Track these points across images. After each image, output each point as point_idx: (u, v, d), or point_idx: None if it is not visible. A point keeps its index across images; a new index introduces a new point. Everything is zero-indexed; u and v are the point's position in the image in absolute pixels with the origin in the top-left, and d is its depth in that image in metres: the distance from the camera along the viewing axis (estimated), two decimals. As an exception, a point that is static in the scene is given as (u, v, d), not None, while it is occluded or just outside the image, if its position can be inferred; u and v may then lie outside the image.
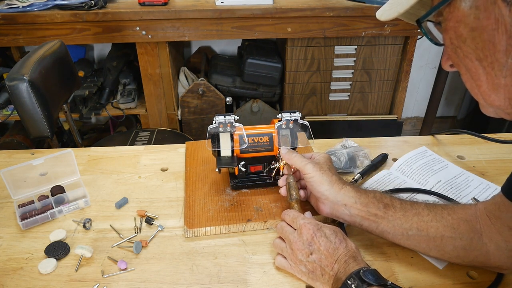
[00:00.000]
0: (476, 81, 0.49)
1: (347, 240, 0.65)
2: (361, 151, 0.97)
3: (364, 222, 0.71)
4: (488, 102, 0.50)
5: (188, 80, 2.25)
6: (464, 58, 0.48)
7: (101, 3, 1.84)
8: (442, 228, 0.66)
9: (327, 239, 0.64)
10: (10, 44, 1.91)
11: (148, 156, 1.02)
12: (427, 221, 0.67)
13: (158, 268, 0.71)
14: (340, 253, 0.62)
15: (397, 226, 0.68)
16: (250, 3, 1.91)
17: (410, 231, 0.68)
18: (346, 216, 0.72)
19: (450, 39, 0.49)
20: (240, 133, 0.84)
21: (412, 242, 0.69)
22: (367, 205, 0.70)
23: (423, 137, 1.10)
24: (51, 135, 1.24)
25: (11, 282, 0.68)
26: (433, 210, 0.68)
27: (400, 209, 0.69)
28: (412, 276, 0.69)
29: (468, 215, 0.66)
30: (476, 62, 0.47)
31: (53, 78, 1.34)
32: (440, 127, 2.96)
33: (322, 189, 0.73)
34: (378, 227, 0.70)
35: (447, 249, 0.66)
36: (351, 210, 0.71)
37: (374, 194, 0.72)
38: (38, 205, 0.82)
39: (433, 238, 0.66)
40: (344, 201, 0.71)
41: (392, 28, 2.00)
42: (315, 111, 2.26)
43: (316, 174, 0.73)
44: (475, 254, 0.64)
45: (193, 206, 0.82)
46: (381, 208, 0.70)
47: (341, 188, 0.73)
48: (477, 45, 0.46)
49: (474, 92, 0.51)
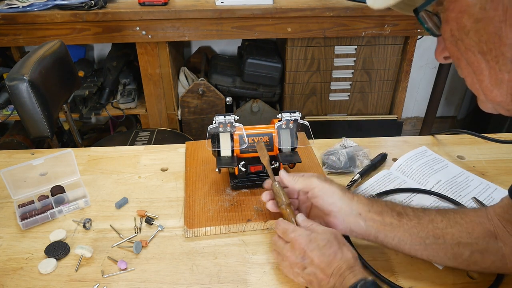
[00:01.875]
0: (478, 76, 0.46)
1: (343, 250, 0.61)
2: (360, 151, 0.97)
3: (379, 233, 0.67)
4: (489, 98, 0.47)
5: (188, 80, 2.25)
6: (465, 51, 0.45)
7: (101, 3, 1.84)
8: (457, 233, 0.64)
9: (319, 252, 0.60)
10: (10, 44, 1.91)
11: (148, 156, 1.02)
12: (442, 227, 0.65)
13: (158, 268, 0.71)
14: (335, 266, 0.59)
15: (413, 235, 0.65)
16: (250, 3, 1.91)
17: (427, 240, 0.65)
18: (360, 228, 0.67)
19: (450, 31, 0.46)
20: (240, 133, 0.84)
21: (430, 252, 0.66)
22: (381, 213, 0.67)
23: (423, 137, 1.10)
24: (51, 135, 1.24)
25: (11, 282, 0.68)
26: (446, 216, 0.66)
27: (413, 216, 0.67)
28: (412, 276, 0.69)
29: (480, 217, 0.65)
30: (479, 55, 0.45)
31: (53, 78, 1.34)
32: (440, 127, 2.96)
33: (334, 199, 0.67)
34: (395, 237, 0.66)
35: (465, 256, 0.64)
36: (366, 220, 0.67)
37: (385, 203, 0.69)
38: (38, 205, 0.82)
39: (450, 246, 0.64)
40: (358, 209, 0.67)
41: (392, 28, 2.00)
42: (315, 111, 2.26)
43: (325, 185, 0.68)
44: (492, 259, 0.63)
45: (193, 206, 0.82)
46: (395, 216, 0.66)
47: (353, 196, 0.69)
48: (481, 38, 0.43)
49: (475, 87, 0.48)
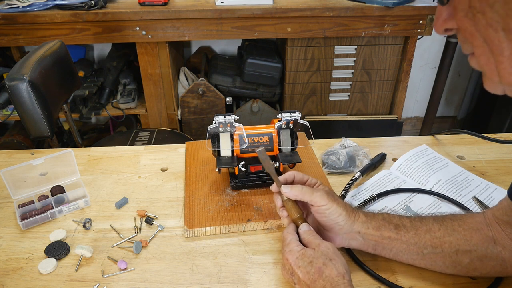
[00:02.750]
0: (497, 57, 0.40)
1: (327, 268, 0.59)
2: (360, 150, 0.97)
3: (377, 247, 0.68)
4: (506, 80, 0.42)
5: (188, 80, 2.25)
6: (485, 27, 0.39)
7: (101, 3, 1.84)
8: (455, 242, 0.64)
9: (304, 270, 0.59)
10: (10, 44, 1.91)
11: (148, 156, 1.02)
12: (439, 237, 0.65)
13: (158, 268, 0.71)
14: (319, 286, 0.57)
15: (411, 246, 0.66)
16: (250, 3, 1.91)
17: (425, 250, 0.65)
18: (359, 243, 0.68)
19: (469, 2, 0.39)
20: (240, 133, 0.84)
21: (427, 261, 0.66)
22: (379, 228, 0.67)
23: (423, 137, 1.10)
24: (51, 135, 1.24)
25: (11, 282, 0.68)
26: (443, 224, 0.66)
27: (411, 228, 0.67)
28: (412, 276, 0.69)
29: (478, 223, 0.65)
30: (501, 33, 0.39)
31: (53, 78, 1.34)
32: (440, 127, 2.96)
33: (339, 220, 0.66)
34: (392, 249, 0.67)
35: (464, 264, 0.64)
36: (365, 236, 0.67)
37: (382, 216, 0.69)
38: (38, 205, 0.82)
39: (448, 254, 0.64)
40: (358, 228, 0.67)
41: (392, 28, 2.00)
42: (315, 111, 2.26)
43: (332, 205, 0.66)
44: (492, 265, 0.63)
45: (193, 206, 0.82)
46: (393, 230, 0.67)
47: (354, 216, 0.68)
48: (508, 12, 0.37)
49: (489, 67, 0.42)
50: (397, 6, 1.92)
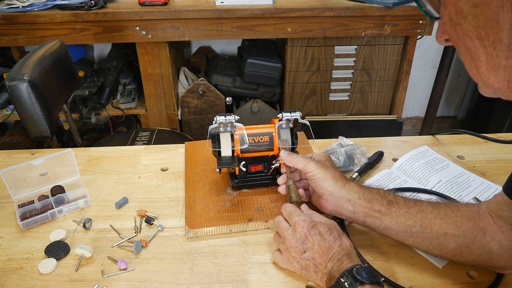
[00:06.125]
0: (476, 62, 0.45)
1: (342, 238, 0.64)
2: (358, 149, 0.98)
3: (367, 218, 0.70)
4: (486, 84, 0.47)
5: (188, 80, 2.25)
6: (463, 36, 0.45)
7: (101, 3, 1.84)
8: (445, 225, 0.66)
9: (321, 237, 0.63)
10: (10, 44, 1.91)
11: (148, 156, 1.02)
12: (430, 218, 0.67)
13: (158, 268, 0.71)
14: (334, 251, 0.62)
15: (400, 222, 0.68)
16: (250, 3, 1.91)
17: (413, 228, 0.67)
18: (349, 212, 0.72)
19: (449, 15, 0.45)
20: (240, 133, 0.84)
21: (415, 239, 0.68)
22: (371, 201, 0.70)
23: (423, 137, 1.10)
24: (51, 135, 1.24)
25: (11, 282, 0.68)
26: (436, 208, 0.68)
27: (403, 206, 0.69)
28: (412, 276, 0.69)
29: (471, 212, 0.66)
30: (476, 41, 0.44)
31: (53, 78, 1.34)
32: (440, 127, 2.96)
33: (326, 185, 0.72)
34: (382, 223, 0.69)
35: (450, 247, 0.66)
36: (355, 206, 0.71)
37: (378, 191, 0.72)
38: (38, 205, 0.82)
39: (436, 236, 0.66)
40: (348, 196, 0.71)
41: (392, 28, 2.00)
42: (315, 111, 2.26)
43: (319, 171, 0.73)
44: (478, 253, 0.64)
45: (194, 206, 0.82)
46: (385, 205, 0.69)
47: (344, 183, 0.73)
48: (478, 23, 0.42)
49: (473, 73, 0.48)
50: (397, 6, 1.92)
